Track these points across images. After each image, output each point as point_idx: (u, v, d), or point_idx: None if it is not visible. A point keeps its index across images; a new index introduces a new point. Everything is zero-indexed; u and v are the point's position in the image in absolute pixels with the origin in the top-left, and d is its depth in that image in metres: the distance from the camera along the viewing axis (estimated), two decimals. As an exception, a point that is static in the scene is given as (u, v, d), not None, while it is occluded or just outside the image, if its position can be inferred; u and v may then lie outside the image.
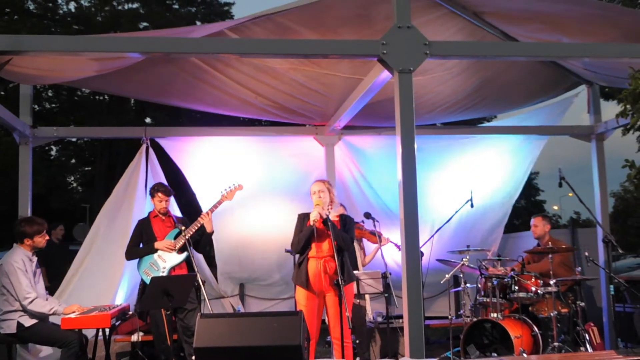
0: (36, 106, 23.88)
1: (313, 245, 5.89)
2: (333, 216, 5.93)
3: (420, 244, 5.65)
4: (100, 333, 6.51)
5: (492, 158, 9.48)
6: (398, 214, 5.62)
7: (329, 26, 6.69)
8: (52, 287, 9.64)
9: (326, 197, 5.96)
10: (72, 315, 5.87)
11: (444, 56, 6.15)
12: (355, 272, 6.58)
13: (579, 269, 7.04)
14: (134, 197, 8.14)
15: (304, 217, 6.07)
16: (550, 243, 7.49)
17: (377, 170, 9.08)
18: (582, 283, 7.26)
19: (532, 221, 7.90)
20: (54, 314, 6.03)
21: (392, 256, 8.40)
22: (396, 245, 7.56)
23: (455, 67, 7.53)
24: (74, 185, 31.06)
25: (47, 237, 6.31)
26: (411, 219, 5.47)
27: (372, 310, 8.04)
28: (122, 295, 7.93)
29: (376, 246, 7.62)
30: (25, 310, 5.92)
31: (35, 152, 8.32)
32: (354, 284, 6.42)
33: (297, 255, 6.09)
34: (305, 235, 5.87)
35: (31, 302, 5.87)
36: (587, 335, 6.80)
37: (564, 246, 7.43)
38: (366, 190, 9.11)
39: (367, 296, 7.42)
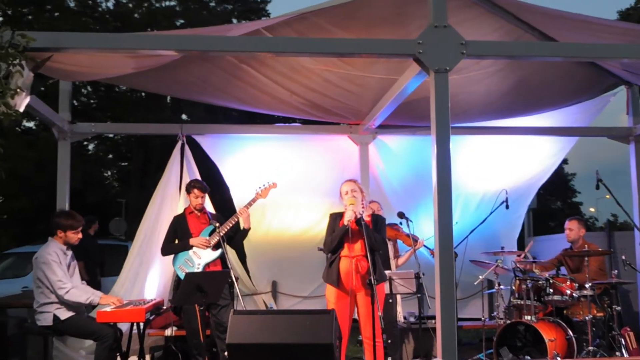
0: (75, 102, 24.20)
1: (345, 244, 5.89)
2: (365, 216, 5.92)
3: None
4: (135, 327, 6.59)
5: (518, 153, 9.40)
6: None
7: (363, 26, 6.67)
8: (89, 282, 9.79)
9: (359, 196, 5.97)
10: (108, 309, 5.95)
11: (480, 56, 6.12)
12: (387, 272, 6.56)
13: (616, 272, 6.95)
14: (168, 194, 8.23)
15: (335, 217, 6.08)
16: (585, 247, 7.39)
17: (410, 168, 9.07)
18: (619, 287, 7.17)
19: (567, 224, 7.79)
20: (90, 303, 6.11)
21: (425, 255, 8.37)
22: (430, 250, 7.50)
23: (491, 67, 7.47)
24: (110, 180, 31.43)
25: (81, 235, 6.39)
26: (445, 219, 5.44)
27: (404, 310, 8.02)
28: (153, 290, 8.00)
29: (410, 249, 7.54)
30: (61, 302, 6.00)
31: (73, 147, 8.45)
32: (386, 284, 6.42)
33: (330, 254, 6.09)
34: (339, 236, 5.87)
35: (67, 292, 5.94)
36: (622, 340, 6.71)
37: (600, 249, 7.32)
38: (399, 189, 9.10)
39: (398, 296, 7.39)
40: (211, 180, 7.95)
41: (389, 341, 7.01)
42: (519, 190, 9.40)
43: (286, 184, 8.24)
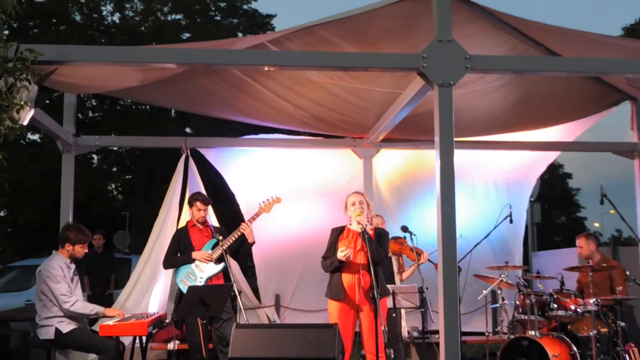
0: (80, 115, 24.29)
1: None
2: (369, 229, 5.90)
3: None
4: (137, 340, 6.57)
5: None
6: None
7: (369, 39, 6.68)
8: (94, 295, 9.78)
9: (365, 208, 5.97)
10: (110, 322, 5.94)
11: (484, 70, 6.10)
12: (390, 286, 6.54)
13: (620, 288, 6.93)
14: (173, 208, 8.22)
15: (336, 232, 6.06)
16: (602, 261, 7.35)
17: (413, 182, 9.07)
18: (623, 302, 7.14)
19: (576, 242, 7.76)
20: (96, 314, 6.11)
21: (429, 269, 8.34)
22: (435, 264, 7.46)
23: (496, 81, 7.47)
24: (115, 193, 31.49)
25: (87, 250, 6.41)
26: (449, 233, 5.42)
27: (408, 325, 7.97)
28: (158, 303, 7.98)
29: (414, 264, 7.49)
30: (64, 316, 5.99)
31: (77, 159, 8.47)
32: (388, 298, 6.39)
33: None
34: (334, 266, 5.88)
35: (72, 305, 5.96)
36: (627, 356, 6.66)
37: (604, 264, 7.28)
38: (402, 202, 9.09)
39: (402, 311, 7.36)
40: (216, 193, 7.95)
41: (393, 356, 6.98)
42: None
43: (291, 197, 8.22)
